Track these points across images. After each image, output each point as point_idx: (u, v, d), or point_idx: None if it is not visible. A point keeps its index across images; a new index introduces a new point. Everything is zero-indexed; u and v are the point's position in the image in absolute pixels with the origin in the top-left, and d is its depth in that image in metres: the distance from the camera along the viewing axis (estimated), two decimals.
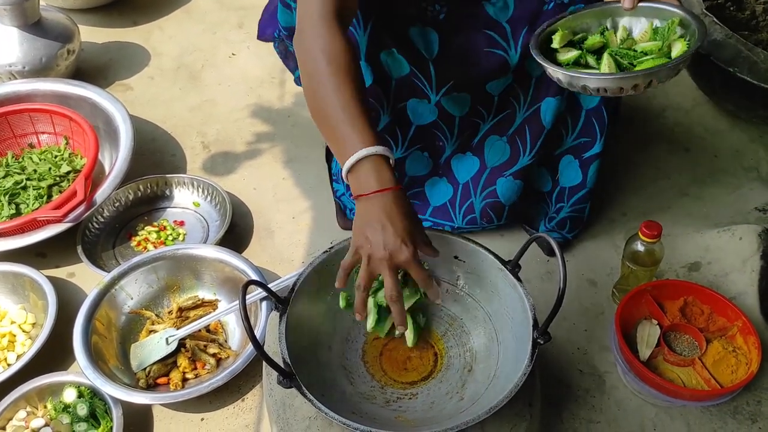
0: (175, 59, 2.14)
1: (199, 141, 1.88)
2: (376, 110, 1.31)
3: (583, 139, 1.37)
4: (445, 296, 1.24)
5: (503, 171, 1.43)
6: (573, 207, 1.46)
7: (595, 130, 1.35)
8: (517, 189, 1.44)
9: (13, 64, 1.84)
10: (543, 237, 1.01)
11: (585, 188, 1.43)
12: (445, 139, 1.41)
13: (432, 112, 1.34)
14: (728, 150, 1.80)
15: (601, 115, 1.33)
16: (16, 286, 1.47)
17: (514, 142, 1.39)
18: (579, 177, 1.42)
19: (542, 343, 1.01)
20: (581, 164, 1.40)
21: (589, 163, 1.39)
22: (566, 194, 1.45)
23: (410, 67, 1.28)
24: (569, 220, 1.49)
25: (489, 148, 1.42)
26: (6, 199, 1.60)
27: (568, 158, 1.41)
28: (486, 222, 1.52)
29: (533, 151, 1.38)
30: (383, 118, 1.33)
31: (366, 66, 1.26)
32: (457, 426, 0.95)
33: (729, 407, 1.25)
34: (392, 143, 1.38)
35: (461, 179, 1.48)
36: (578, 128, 1.36)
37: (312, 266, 1.15)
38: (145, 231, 1.63)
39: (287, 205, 1.71)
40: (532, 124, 1.35)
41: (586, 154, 1.39)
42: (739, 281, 1.39)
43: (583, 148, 1.38)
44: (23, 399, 1.28)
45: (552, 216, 1.49)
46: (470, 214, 1.51)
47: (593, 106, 1.33)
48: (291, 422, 1.08)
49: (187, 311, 1.43)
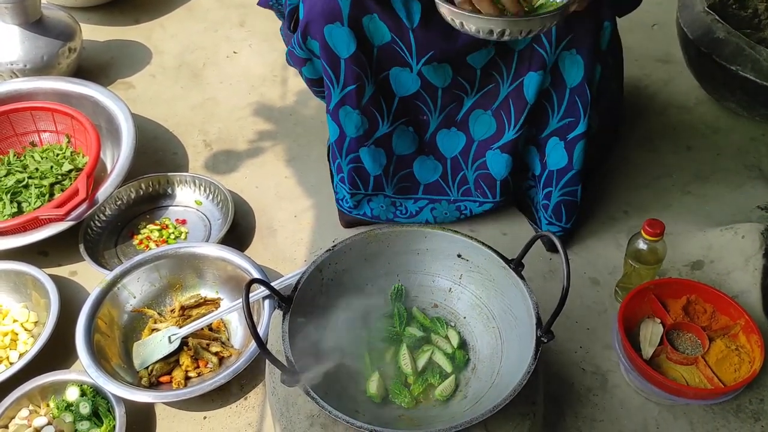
0: (177, 57, 2.14)
1: (201, 139, 1.88)
2: (360, 79, 1.32)
3: (568, 119, 1.37)
4: (448, 295, 1.24)
5: (490, 144, 1.44)
6: (563, 191, 1.46)
7: (579, 109, 1.35)
8: (506, 163, 1.45)
9: (14, 62, 1.84)
10: (546, 235, 1.01)
11: (572, 170, 1.43)
12: (429, 113, 1.41)
13: (414, 81, 1.35)
14: (731, 148, 1.80)
15: (584, 92, 1.34)
16: (18, 284, 1.46)
17: (499, 116, 1.40)
18: (565, 159, 1.42)
19: (546, 341, 1.01)
20: (566, 146, 1.40)
21: (574, 143, 1.40)
22: (554, 178, 1.45)
23: (391, 34, 1.29)
24: (563, 206, 1.48)
25: (474, 122, 1.43)
26: (8, 198, 1.59)
27: (554, 140, 1.42)
28: (480, 195, 1.53)
29: (518, 125, 1.39)
30: (368, 88, 1.34)
31: (349, 31, 1.27)
32: (461, 425, 0.95)
33: (732, 406, 1.25)
34: (378, 116, 1.38)
35: (448, 154, 1.49)
36: (563, 107, 1.36)
37: (315, 264, 1.15)
38: (147, 229, 1.63)
39: (289, 204, 1.71)
40: (516, 99, 1.36)
41: (570, 135, 1.39)
42: (742, 280, 1.39)
43: (568, 128, 1.38)
44: (26, 397, 1.28)
45: (545, 203, 1.49)
46: (464, 185, 1.53)
47: (576, 84, 1.33)
48: (294, 421, 1.08)
49: (189, 310, 1.43)
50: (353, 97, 1.34)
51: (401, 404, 1.11)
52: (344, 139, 1.42)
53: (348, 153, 1.45)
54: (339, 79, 1.32)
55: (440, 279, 1.24)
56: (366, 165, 1.46)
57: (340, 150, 1.45)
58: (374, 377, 1.13)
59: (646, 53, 2.08)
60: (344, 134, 1.41)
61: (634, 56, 2.01)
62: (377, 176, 1.48)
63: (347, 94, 1.34)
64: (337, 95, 1.35)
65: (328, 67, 1.32)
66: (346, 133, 1.41)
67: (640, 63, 2.04)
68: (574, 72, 1.32)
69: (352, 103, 1.35)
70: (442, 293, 1.25)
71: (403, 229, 1.20)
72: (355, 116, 1.36)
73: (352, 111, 1.36)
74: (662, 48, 2.10)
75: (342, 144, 1.44)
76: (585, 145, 1.40)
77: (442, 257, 1.22)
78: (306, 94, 1.93)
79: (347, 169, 1.48)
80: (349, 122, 1.38)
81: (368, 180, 1.49)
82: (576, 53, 1.29)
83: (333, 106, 1.38)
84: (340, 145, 1.44)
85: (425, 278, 1.25)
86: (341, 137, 1.42)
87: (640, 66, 2.03)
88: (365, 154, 1.43)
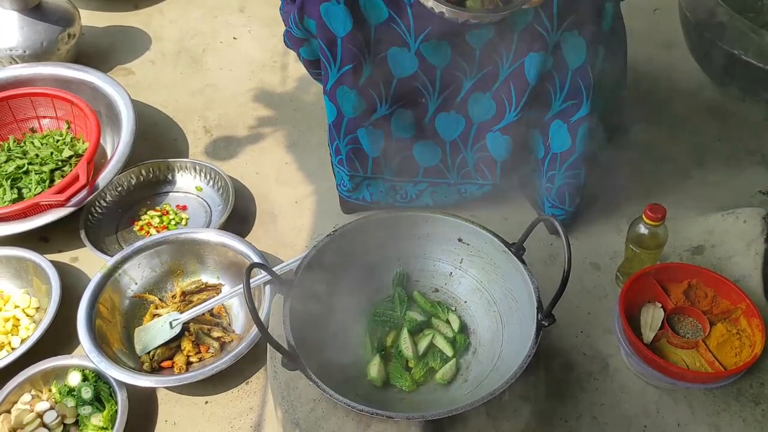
0: (176, 43, 2.13)
1: (201, 125, 1.88)
2: (357, 58, 1.31)
3: (571, 101, 1.36)
4: (449, 279, 1.24)
5: (491, 126, 1.43)
6: (567, 173, 1.45)
7: (582, 91, 1.34)
8: (507, 145, 1.44)
9: (13, 48, 1.83)
10: (548, 219, 1.00)
11: (575, 153, 1.42)
12: (427, 95, 1.40)
13: (412, 61, 1.33)
14: (732, 133, 1.79)
15: (587, 74, 1.33)
16: (19, 270, 1.47)
17: (499, 98, 1.39)
18: (568, 142, 1.41)
19: (546, 325, 1.01)
20: (569, 128, 1.39)
21: (577, 126, 1.39)
22: (558, 161, 1.44)
23: (389, 11, 1.27)
24: (567, 189, 1.47)
25: (473, 104, 1.42)
26: (8, 184, 1.59)
27: (558, 123, 1.40)
28: (480, 177, 1.52)
29: (519, 107, 1.37)
30: (365, 68, 1.32)
31: (345, 9, 1.26)
32: (461, 408, 0.95)
33: (732, 389, 1.26)
34: (376, 98, 1.37)
35: (447, 138, 1.47)
36: (566, 89, 1.35)
37: (316, 249, 1.15)
38: (148, 215, 1.63)
39: (290, 190, 1.70)
40: (517, 80, 1.35)
41: (573, 118, 1.38)
42: (743, 264, 1.39)
43: (571, 111, 1.37)
44: (28, 382, 1.28)
45: (548, 187, 1.49)
46: (464, 168, 1.52)
47: (578, 66, 1.32)
48: (296, 404, 1.08)
49: (190, 295, 1.44)
50: (350, 77, 1.33)
51: (402, 387, 1.11)
52: (342, 120, 1.41)
53: (346, 134, 1.44)
54: (336, 58, 1.31)
55: (441, 263, 1.24)
56: (364, 146, 1.45)
57: (338, 131, 1.44)
58: (375, 361, 1.13)
59: (648, 38, 2.07)
60: (342, 114, 1.40)
61: (636, 41, 1.99)
62: (376, 158, 1.47)
63: (344, 73, 1.33)
64: (335, 75, 1.34)
65: (324, 46, 1.30)
66: (344, 113, 1.40)
67: (642, 48, 2.03)
68: (576, 53, 1.30)
69: (349, 83, 1.34)
70: (442, 277, 1.25)
71: (404, 214, 1.20)
72: (352, 96, 1.35)
73: (349, 91, 1.35)
74: (664, 33, 2.08)
75: (340, 124, 1.43)
76: (588, 128, 1.39)
77: (443, 241, 1.22)
78: (306, 79, 1.92)
79: (345, 151, 1.47)
80: (347, 102, 1.37)
81: (367, 162, 1.49)
82: (578, 34, 1.28)
83: (330, 86, 1.37)
84: (338, 126, 1.44)
85: (426, 263, 1.25)
86: (339, 117, 1.41)
87: (642, 51, 2.02)
88: (363, 135, 1.42)
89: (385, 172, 1.51)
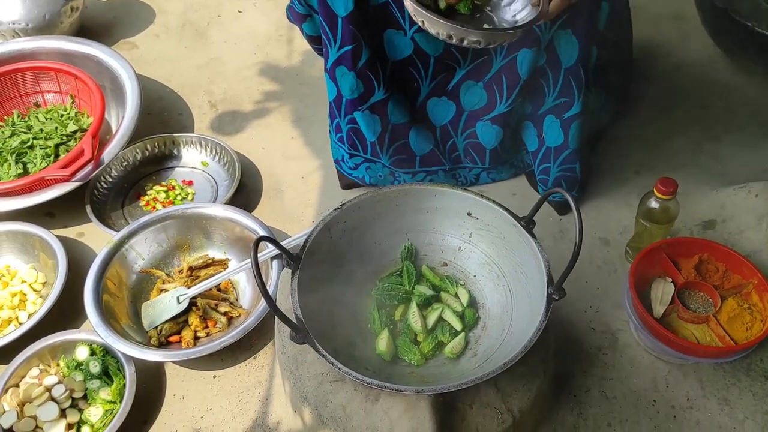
0: (181, 16, 2.11)
1: (207, 100, 1.86)
2: (357, 39, 1.29)
3: (563, 99, 1.36)
4: (458, 253, 1.23)
5: (481, 116, 1.43)
6: (561, 167, 1.45)
7: (573, 90, 1.34)
8: (497, 134, 1.44)
9: (16, 21, 1.81)
10: (559, 191, 0.99)
11: (568, 149, 1.42)
12: (420, 79, 1.39)
13: (407, 45, 1.32)
14: (745, 107, 1.76)
15: (579, 74, 1.32)
16: (25, 245, 1.46)
17: (490, 89, 1.38)
18: (561, 137, 1.41)
19: (557, 298, 1.00)
20: (562, 125, 1.39)
21: (570, 123, 1.38)
22: (552, 154, 1.44)
23: None
24: (563, 180, 1.47)
25: (465, 92, 1.41)
26: (13, 159, 1.58)
27: (551, 118, 1.40)
28: (470, 161, 1.52)
29: (510, 99, 1.37)
30: (365, 51, 1.31)
31: None
32: (471, 381, 0.94)
33: (743, 364, 1.25)
34: (374, 81, 1.36)
35: (438, 123, 1.47)
36: (558, 86, 1.35)
37: (323, 223, 1.14)
38: (154, 191, 1.62)
39: (296, 165, 1.69)
40: (509, 73, 1.34)
41: (566, 115, 1.38)
42: (755, 239, 1.37)
43: (563, 108, 1.37)
44: (36, 357, 1.28)
45: (543, 178, 1.48)
46: (455, 152, 1.52)
47: (571, 65, 1.31)
48: (304, 378, 1.08)
49: (197, 270, 1.43)
50: (349, 58, 1.31)
51: (410, 362, 1.10)
52: (341, 99, 1.40)
53: (346, 113, 1.42)
54: (336, 37, 1.29)
55: (450, 237, 1.23)
56: (362, 129, 1.44)
57: (339, 109, 1.43)
58: (383, 335, 1.13)
59: (659, 11, 2.04)
60: (341, 94, 1.39)
61: (646, 14, 1.97)
62: (373, 143, 1.46)
63: (344, 54, 1.31)
64: (334, 54, 1.33)
65: (325, 24, 1.29)
66: (342, 94, 1.38)
67: (653, 21, 2.00)
68: (569, 52, 1.30)
69: (348, 65, 1.32)
70: (451, 252, 1.24)
71: (413, 188, 1.19)
72: (350, 78, 1.34)
73: (347, 72, 1.33)
74: (675, 5, 2.05)
75: (340, 103, 1.41)
76: (581, 125, 1.38)
77: (452, 215, 1.21)
78: (312, 53, 1.89)
79: (346, 129, 1.46)
80: (345, 83, 1.36)
81: (366, 144, 1.48)
82: (571, 34, 1.27)
83: (330, 65, 1.35)
84: (338, 105, 1.42)
85: (435, 237, 1.24)
86: (338, 96, 1.40)
87: (652, 24, 1.99)
88: (360, 118, 1.41)
89: (383, 159, 1.50)
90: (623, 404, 1.22)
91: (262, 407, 1.26)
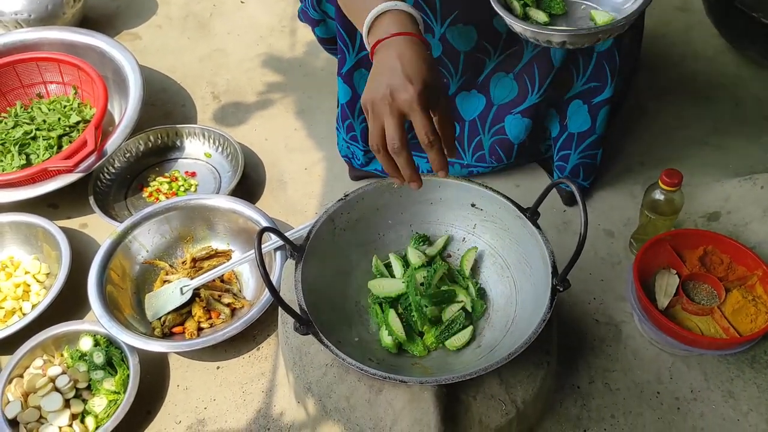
0: (183, 7, 2.10)
1: (210, 91, 1.85)
2: None
3: (594, 83, 1.34)
4: (462, 245, 1.23)
5: (511, 109, 1.40)
6: (583, 153, 1.43)
7: (606, 74, 1.31)
8: (526, 127, 1.42)
9: (18, 12, 1.81)
10: (563, 181, 0.98)
11: (595, 134, 1.40)
12: (449, 76, 1.37)
13: (436, 47, 1.30)
14: (750, 98, 1.76)
15: (613, 58, 1.30)
16: (29, 236, 1.46)
17: (521, 80, 1.36)
18: (588, 122, 1.39)
19: (561, 290, 0.99)
20: (590, 109, 1.37)
21: (599, 108, 1.36)
22: (575, 140, 1.42)
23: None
24: (581, 167, 1.46)
25: (495, 85, 1.39)
26: (16, 150, 1.58)
27: (577, 103, 1.38)
28: (495, 161, 1.50)
29: (542, 89, 1.35)
30: None
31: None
32: (475, 372, 0.94)
33: (747, 356, 1.25)
34: None
35: (467, 117, 1.45)
36: (589, 71, 1.32)
37: (327, 214, 1.13)
38: (157, 182, 1.62)
39: (300, 156, 1.69)
40: (541, 62, 1.32)
41: (595, 99, 1.35)
42: (760, 230, 1.37)
43: (593, 92, 1.35)
44: (40, 347, 1.28)
45: (560, 165, 1.47)
46: (479, 151, 1.49)
47: (605, 49, 1.29)
48: (307, 369, 1.08)
49: (200, 262, 1.43)
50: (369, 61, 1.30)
51: (414, 353, 1.10)
52: (357, 101, 1.38)
53: (361, 113, 1.41)
54: (355, 43, 1.28)
55: (454, 229, 1.23)
56: None
57: (352, 111, 1.42)
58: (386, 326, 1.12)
59: (664, 1, 2.03)
60: (357, 96, 1.37)
61: (652, 5, 1.94)
62: None
63: (363, 57, 1.30)
64: (353, 59, 1.31)
65: (342, 31, 1.27)
66: (360, 95, 1.37)
67: (658, 12, 1.98)
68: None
69: (368, 66, 1.31)
70: (455, 243, 1.23)
71: None
72: None
73: (367, 73, 1.32)
74: None
75: (354, 105, 1.40)
76: (609, 111, 1.36)
77: (456, 207, 1.20)
78: (315, 45, 1.88)
79: (360, 128, 1.45)
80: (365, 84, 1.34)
81: None
82: None
83: (346, 70, 1.34)
84: (352, 107, 1.41)
85: (439, 228, 1.23)
86: (353, 99, 1.39)
87: (658, 15, 1.98)
88: None
89: None
90: (627, 396, 1.22)
91: (266, 398, 1.26)
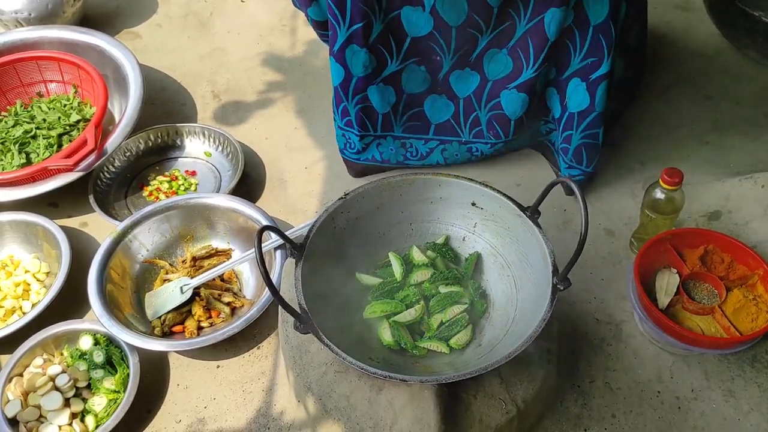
0: (183, 6, 2.10)
1: (210, 90, 1.85)
2: (367, 17, 1.28)
3: (591, 59, 1.33)
4: (462, 244, 1.23)
5: (506, 84, 1.40)
6: (584, 133, 1.43)
7: (603, 48, 1.31)
8: (523, 102, 1.42)
9: (18, 11, 1.81)
10: (564, 181, 0.98)
11: (594, 111, 1.39)
12: (442, 53, 1.37)
13: (427, 21, 1.31)
14: (750, 97, 1.75)
15: (609, 31, 1.29)
16: (29, 235, 1.46)
17: (516, 55, 1.36)
18: (587, 100, 1.38)
19: (562, 289, 0.99)
20: (588, 86, 1.36)
21: (597, 84, 1.36)
22: (575, 120, 1.42)
23: None
24: (584, 148, 1.45)
25: (489, 61, 1.39)
26: (16, 149, 1.58)
27: (576, 81, 1.38)
28: (493, 137, 1.50)
29: (537, 63, 1.34)
30: (375, 26, 1.30)
31: None
32: (475, 371, 0.94)
33: (747, 355, 1.24)
34: (386, 54, 1.35)
35: (461, 94, 1.45)
36: (586, 46, 1.32)
37: (327, 213, 1.13)
38: (157, 181, 1.62)
39: (300, 155, 1.69)
40: (535, 36, 1.31)
41: (593, 75, 1.35)
42: (761, 229, 1.37)
43: (591, 68, 1.34)
44: (39, 346, 1.28)
45: (564, 147, 1.47)
46: (476, 127, 1.50)
47: (601, 21, 1.28)
48: (308, 368, 1.07)
49: (200, 261, 1.43)
50: (360, 36, 1.30)
51: (415, 352, 1.10)
52: (350, 80, 1.39)
53: (355, 94, 1.41)
54: (345, 17, 1.28)
55: (454, 227, 1.23)
56: (374, 103, 1.43)
57: (346, 92, 1.42)
58: (386, 325, 1.12)
59: (665, 0, 2.02)
60: (350, 75, 1.38)
61: (653, 3, 1.95)
62: (386, 114, 1.45)
63: (354, 32, 1.30)
64: (344, 34, 1.31)
65: (333, 5, 1.27)
66: (353, 73, 1.37)
67: (659, 10, 1.98)
68: (599, 8, 1.26)
69: (359, 42, 1.31)
70: (456, 242, 1.23)
71: (417, 177, 1.18)
72: (362, 54, 1.32)
73: (359, 50, 1.32)
74: None
75: (348, 85, 1.40)
76: (608, 86, 1.36)
77: (456, 206, 1.20)
78: (316, 43, 1.90)
79: (354, 111, 1.45)
80: (356, 61, 1.34)
81: (377, 119, 1.46)
82: None
83: (338, 47, 1.34)
84: (345, 88, 1.41)
85: (439, 227, 1.23)
86: (347, 78, 1.39)
87: (658, 13, 1.98)
88: (373, 92, 1.40)
89: (395, 129, 1.49)
90: (627, 395, 1.22)
91: (266, 397, 1.26)
